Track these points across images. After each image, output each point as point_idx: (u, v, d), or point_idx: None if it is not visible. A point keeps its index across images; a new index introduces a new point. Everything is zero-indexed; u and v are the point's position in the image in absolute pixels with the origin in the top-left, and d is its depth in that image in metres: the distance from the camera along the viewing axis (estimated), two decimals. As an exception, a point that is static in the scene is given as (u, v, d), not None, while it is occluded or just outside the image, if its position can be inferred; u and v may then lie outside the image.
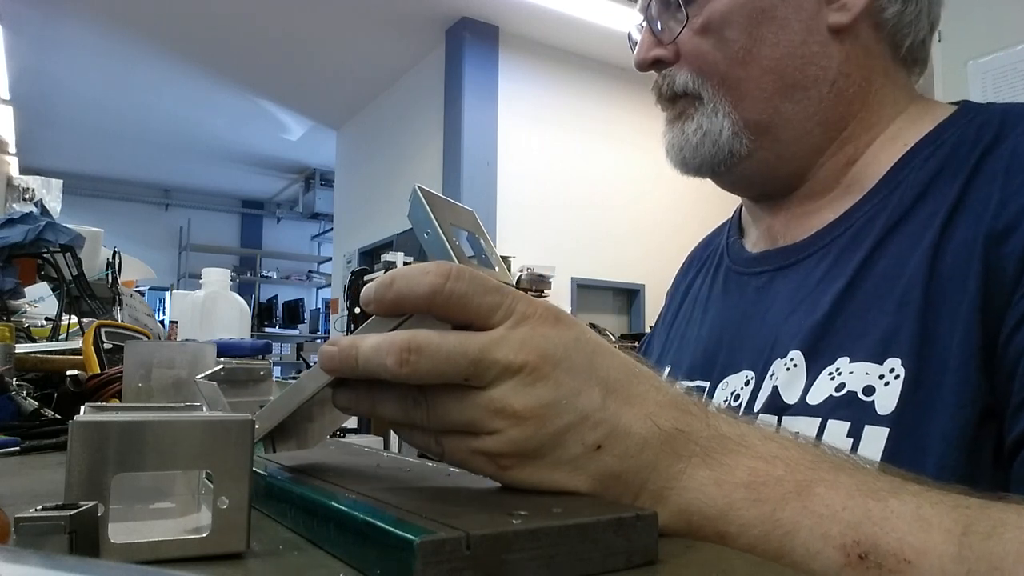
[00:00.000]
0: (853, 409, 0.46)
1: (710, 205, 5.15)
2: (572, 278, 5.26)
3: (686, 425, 0.35)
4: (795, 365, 0.52)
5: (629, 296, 5.70)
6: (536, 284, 4.90)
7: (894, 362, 0.46)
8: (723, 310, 0.66)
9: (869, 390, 0.46)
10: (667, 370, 0.69)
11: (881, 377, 0.46)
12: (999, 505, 0.32)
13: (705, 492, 0.33)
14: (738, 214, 0.73)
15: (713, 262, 0.73)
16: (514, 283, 0.39)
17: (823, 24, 0.56)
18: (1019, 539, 0.30)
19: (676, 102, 0.62)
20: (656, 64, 0.62)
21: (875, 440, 0.44)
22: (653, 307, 5.52)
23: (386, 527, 0.25)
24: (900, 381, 0.45)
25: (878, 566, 0.30)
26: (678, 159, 0.63)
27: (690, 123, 0.61)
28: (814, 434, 0.47)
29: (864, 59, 0.57)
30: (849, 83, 0.57)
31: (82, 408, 0.39)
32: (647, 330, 4.35)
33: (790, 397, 0.51)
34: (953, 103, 0.58)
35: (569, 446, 0.33)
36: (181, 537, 0.28)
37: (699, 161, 0.61)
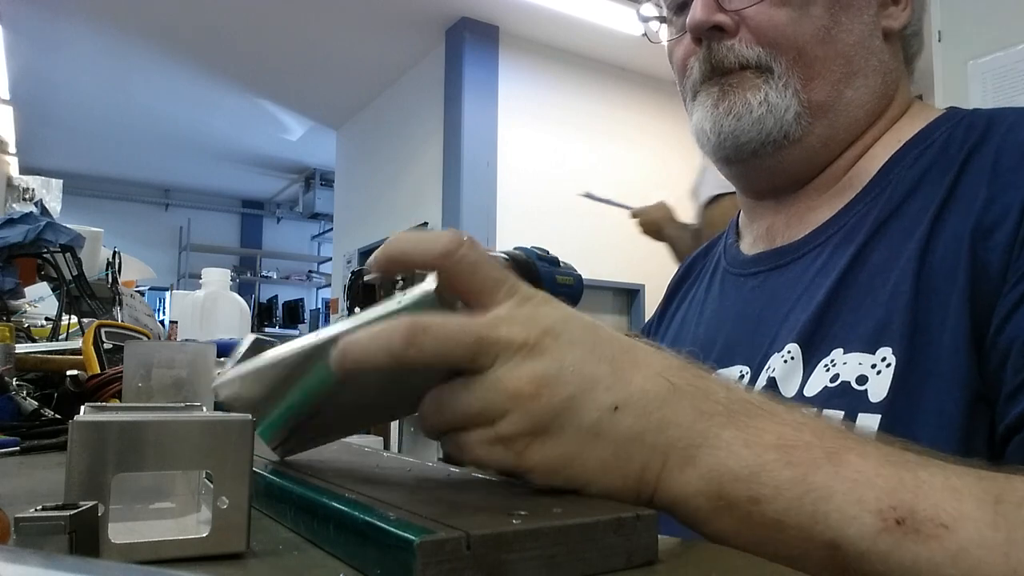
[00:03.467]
0: (847, 398, 0.47)
1: (710, 205, 5.10)
2: (572, 278, 5.25)
3: (702, 383, 0.34)
4: (792, 358, 0.53)
5: (629, 296, 5.70)
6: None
7: (885, 351, 0.47)
8: (719, 310, 0.66)
9: (862, 379, 0.48)
10: None
11: (873, 366, 0.47)
12: (1022, 477, 0.32)
13: (735, 452, 0.32)
14: (735, 220, 0.74)
15: (710, 267, 0.74)
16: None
17: (879, 24, 0.60)
18: None
19: (732, 74, 0.59)
20: (714, 30, 0.59)
21: (868, 427, 0.46)
22: (653, 307, 5.49)
23: (386, 527, 0.25)
24: (891, 369, 0.46)
25: (916, 531, 0.30)
26: (732, 128, 0.58)
27: (756, 93, 0.58)
28: None
29: (896, 63, 0.62)
30: (891, 79, 0.61)
31: (82, 408, 0.39)
32: (647, 330, 4.35)
33: (788, 390, 0.52)
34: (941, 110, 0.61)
35: (583, 412, 0.32)
36: (181, 537, 0.28)
37: (754, 135, 0.58)
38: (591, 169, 5.48)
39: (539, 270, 0.75)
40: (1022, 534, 0.30)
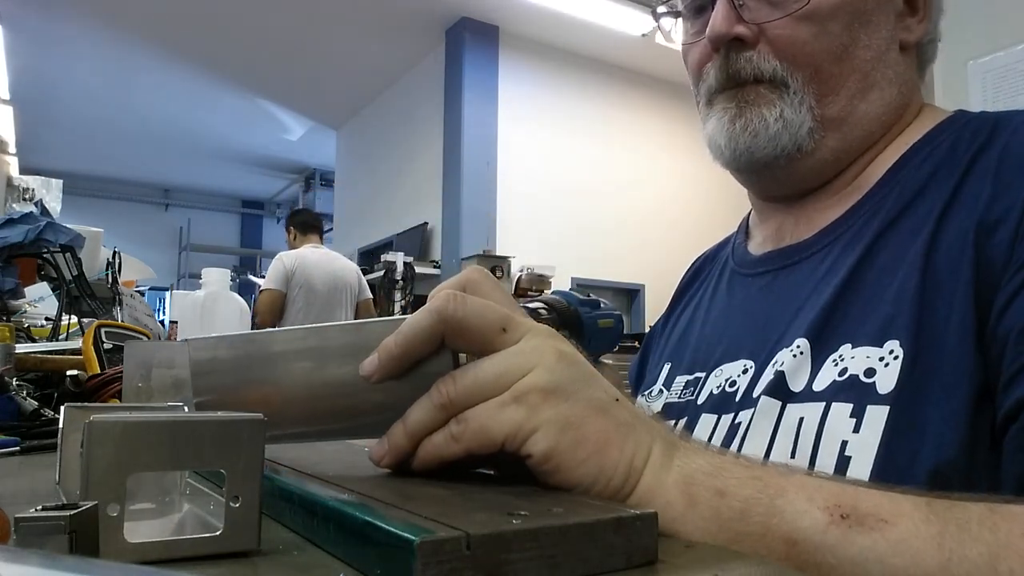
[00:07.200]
0: (855, 391, 0.48)
1: (712, 205, 5.14)
2: (572, 278, 5.26)
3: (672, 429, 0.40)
4: (801, 352, 0.53)
5: (629, 296, 5.70)
6: (536, 284, 4.90)
7: (893, 344, 0.48)
8: (726, 308, 0.67)
9: (870, 372, 0.48)
10: (667, 367, 0.70)
11: (881, 359, 0.48)
12: (954, 494, 0.36)
13: (701, 455, 0.37)
14: (745, 220, 0.74)
15: (718, 268, 0.74)
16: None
17: (897, 36, 0.60)
18: (979, 509, 0.34)
19: (748, 87, 0.59)
20: (734, 41, 0.58)
21: (876, 419, 0.46)
22: (653, 307, 5.52)
23: (386, 527, 0.25)
24: (899, 362, 0.47)
25: (860, 524, 0.33)
26: (748, 144, 0.59)
27: (771, 109, 0.58)
28: (819, 418, 0.49)
29: (911, 73, 0.62)
30: (906, 89, 0.61)
31: (62, 408, 0.38)
32: (647, 330, 4.35)
33: (796, 385, 0.52)
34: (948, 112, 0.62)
35: (595, 390, 0.36)
36: (195, 536, 0.28)
37: (769, 151, 0.58)
38: (591, 168, 5.48)
39: (581, 317, 0.76)
40: (953, 527, 0.33)
